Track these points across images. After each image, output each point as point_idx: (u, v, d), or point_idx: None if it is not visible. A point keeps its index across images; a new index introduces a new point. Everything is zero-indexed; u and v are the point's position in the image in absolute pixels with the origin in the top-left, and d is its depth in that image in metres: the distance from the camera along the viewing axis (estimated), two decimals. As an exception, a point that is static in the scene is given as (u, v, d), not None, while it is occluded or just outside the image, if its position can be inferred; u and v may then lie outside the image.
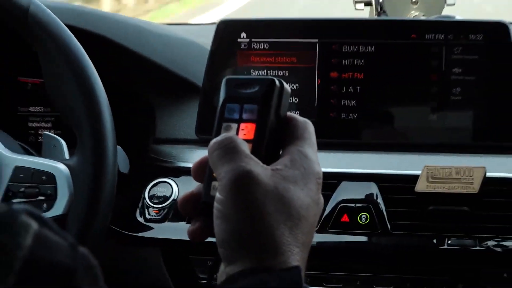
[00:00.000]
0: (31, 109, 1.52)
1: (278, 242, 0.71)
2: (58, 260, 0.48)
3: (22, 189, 1.18)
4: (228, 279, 0.72)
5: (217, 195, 0.73)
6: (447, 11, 1.66)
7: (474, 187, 1.26)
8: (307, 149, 0.78)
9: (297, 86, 1.43)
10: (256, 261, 0.70)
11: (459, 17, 1.58)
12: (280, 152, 0.78)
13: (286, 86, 0.80)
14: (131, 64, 1.54)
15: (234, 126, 0.78)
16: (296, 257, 0.72)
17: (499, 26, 1.42)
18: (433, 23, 1.54)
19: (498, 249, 1.28)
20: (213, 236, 0.74)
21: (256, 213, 0.71)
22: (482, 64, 1.42)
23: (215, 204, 0.73)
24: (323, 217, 1.32)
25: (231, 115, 0.79)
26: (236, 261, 0.72)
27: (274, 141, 0.78)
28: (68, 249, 0.49)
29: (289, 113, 0.80)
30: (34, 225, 0.47)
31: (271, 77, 0.79)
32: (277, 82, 0.77)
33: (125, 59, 1.53)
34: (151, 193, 1.38)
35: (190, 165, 0.80)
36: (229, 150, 0.73)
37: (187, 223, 1.06)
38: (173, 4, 15.82)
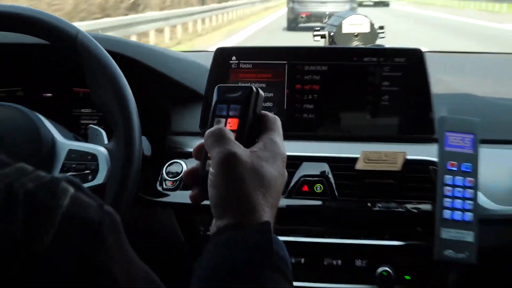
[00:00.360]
0: (82, 110, 1.54)
1: (254, 203, 0.77)
2: (89, 216, 0.50)
3: (73, 165, 1.20)
4: (217, 231, 0.77)
5: (211, 169, 0.79)
6: (379, 42, 1.68)
7: (397, 166, 1.30)
8: (276, 137, 0.84)
9: (272, 95, 1.43)
10: (238, 218, 0.77)
11: (388, 45, 1.60)
12: (256, 139, 0.84)
13: (261, 92, 0.85)
14: (154, 79, 1.54)
15: (223, 120, 0.83)
16: (267, 215, 0.78)
17: (416, 52, 1.43)
18: (369, 50, 1.56)
19: (415, 210, 1.31)
20: (207, 199, 0.80)
21: (238, 182, 0.78)
22: (403, 79, 1.41)
23: (209, 176, 0.79)
24: (290, 187, 1.36)
25: (220, 112, 0.84)
26: (223, 217, 0.77)
27: (251, 131, 0.84)
28: (97, 207, 0.52)
29: (263, 111, 0.86)
30: (71, 189, 0.50)
31: (250, 85, 0.85)
32: (254, 88, 0.83)
33: (150, 75, 1.53)
34: (167, 170, 1.41)
35: None
36: (219, 137, 0.79)
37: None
38: (198, 39, 16.22)
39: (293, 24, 16.69)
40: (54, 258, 0.46)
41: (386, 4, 34.27)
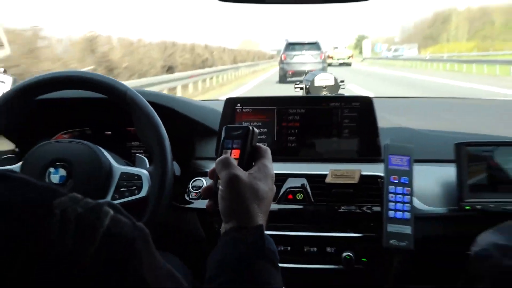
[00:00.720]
0: (132, 143, 1.54)
1: (251, 212, 0.81)
2: (124, 232, 0.50)
3: (124, 183, 1.22)
4: (225, 232, 0.81)
5: (220, 187, 0.83)
6: (341, 91, 1.68)
7: (355, 180, 1.32)
8: (267, 162, 0.89)
9: (266, 130, 1.46)
10: (240, 222, 0.81)
11: (347, 94, 1.62)
12: (253, 164, 0.88)
13: (256, 130, 0.90)
14: (182, 120, 1.54)
15: (228, 151, 0.87)
16: (261, 220, 0.82)
17: (367, 98, 1.45)
18: (333, 97, 1.57)
19: (368, 211, 1.33)
20: (218, 208, 0.84)
21: (239, 197, 0.82)
22: (358, 118, 1.43)
23: (219, 191, 0.83)
24: (279, 196, 1.37)
25: (227, 145, 0.88)
26: (229, 221, 0.82)
27: (249, 158, 0.88)
28: (131, 225, 0.52)
29: (258, 143, 0.91)
30: (111, 211, 0.50)
31: (248, 125, 0.89)
32: (251, 128, 0.88)
33: (179, 117, 1.53)
34: (192, 185, 1.43)
35: None
36: (226, 163, 0.83)
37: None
38: (213, 91, 16.40)
39: (283, 79, 16.98)
40: (97, 266, 0.47)
41: (348, 64, 36.71)
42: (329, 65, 23.02)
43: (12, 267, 0.43)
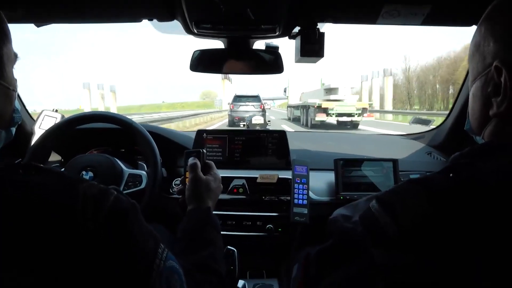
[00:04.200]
0: (138, 156, 1.55)
1: (204, 199, 0.89)
2: (123, 206, 0.52)
3: (131, 179, 1.31)
4: (188, 211, 0.88)
5: (187, 183, 0.93)
6: (268, 127, 1.85)
7: (274, 180, 1.46)
8: (215, 170, 0.98)
9: (221, 150, 1.59)
10: (196, 205, 0.89)
11: (271, 128, 1.72)
12: (208, 172, 0.96)
13: (205, 151, 0.99)
14: (170, 143, 1.60)
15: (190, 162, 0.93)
16: (209, 204, 0.90)
17: (282, 131, 1.60)
18: (263, 130, 1.69)
19: (283, 199, 1.43)
20: (185, 198, 0.91)
21: (197, 189, 0.90)
22: (277, 142, 1.58)
23: (187, 185, 0.92)
24: (228, 190, 1.45)
25: (188, 158, 0.97)
26: (190, 204, 0.89)
27: (203, 167, 0.96)
28: (127, 201, 0.53)
29: (207, 160, 1.00)
30: (115, 193, 0.52)
31: (199, 149, 0.99)
32: (201, 150, 0.98)
33: (168, 141, 1.59)
34: (175, 183, 1.48)
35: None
36: (193, 168, 0.93)
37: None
38: (201, 125, 16.84)
39: (231, 123, 16.41)
40: (104, 226, 0.49)
41: (355, 126, 15.80)
42: (321, 124, 14.95)
43: (48, 226, 0.45)
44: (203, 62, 1.22)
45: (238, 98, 17.68)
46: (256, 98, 17.60)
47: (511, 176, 0.43)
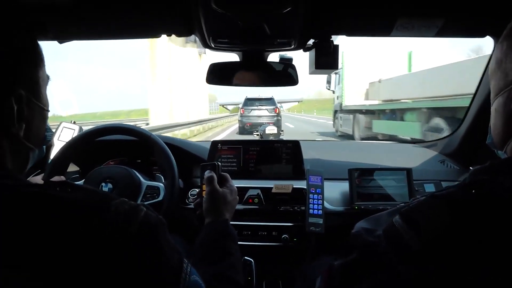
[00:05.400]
0: (154, 167, 1.57)
1: (222, 212, 0.91)
2: (152, 221, 0.53)
3: (149, 191, 1.32)
4: (206, 224, 0.90)
5: (204, 195, 0.95)
6: (281, 137, 1.83)
7: (289, 191, 1.46)
8: (230, 182, 1.00)
9: (236, 160, 1.61)
10: (214, 217, 0.90)
11: (285, 138, 1.75)
12: (224, 184, 0.98)
13: (220, 163, 1.00)
14: (186, 154, 1.60)
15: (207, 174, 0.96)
16: (227, 216, 0.91)
17: (296, 141, 1.60)
18: (277, 141, 1.72)
19: (298, 209, 1.43)
20: (202, 211, 0.93)
21: (216, 202, 0.92)
22: (291, 153, 1.59)
23: (204, 198, 0.95)
24: (243, 200, 1.46)
25: (204, 171, 0.99)
26: (208, 217, 0.91)
27: (219, 180, 0.97)
28: (156, 217, 0.55)
29: (222, 173, 1.01)
30: (144, 209, 0.54)
31: (214, 162, 1.00)
32: (216, 163, 1.00)
33: (184, 152, 1.59)
34: (191, 193, 1.50)
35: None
36: (210, 180, 0.95)
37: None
38: (209, 131, 16.16)
39: (242, 130, 14.90)
40: (136, 241, 0.50)
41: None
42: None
43: (88, 239, 0.47)
44: (219, 75, 1.24)
45: (249, 102, 15.54)
46: (270, 101, 15.66)
47: None
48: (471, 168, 0.54)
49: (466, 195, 0.48)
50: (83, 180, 1.33)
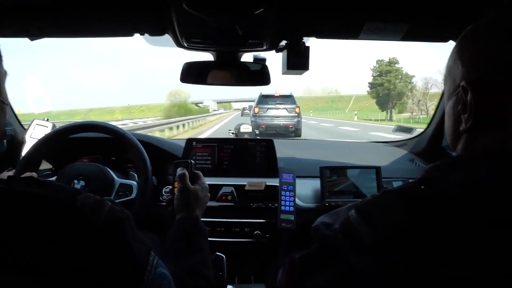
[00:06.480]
0: (128, 165, 1.57)
1: (193, 208, 0.91)
2: (117, 215, 0.54)
3: (121, 189, 1.33)
4: (177, 220, 0.90)
5: (176, 192, 0.95)
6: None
7: (262, 188, 1.49)
8: (203, 180, 1.00)
9: (210, 158, 1.61)
10: (185, 214, 0.91)
11: (259, 137, 1.72)
12: (196, 182, 0.98)
13: (193, 161, 1.02)
14: (160, 151, 1.61)
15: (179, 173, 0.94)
16: (197, 213, 0.92)
17: (270, 140, 1.61)
18: (251, 139, 1.71)
19: (271, 206, 1.46)
20: (174, 208, 0.93)
21: (187, 199, 0.92)
22: (265, 151, 1.60)
23: (175, 194, 0.95)
24: (217, 197, 1.47)
25: (177, 168, 0.99)
26: (179, 213, 0.91)
27: (191, 177, 0.97)
28: (121, 211, 0.55)
29: (195, 171, 1.02)
30: (109, 203, 0.54)
31: (188, 160, 1.01)
32: (189, 161, 1.01)
33: (158, 150, 1.60)
34: (165, 190, 1.50)
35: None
36: (182, 178, 0.95)
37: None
38: (188, 132, 14.97)
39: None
40: (100, 234, 0.51)
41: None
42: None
43: (53, 233, 0.48)
44: (193, 74, 1.25)
45: (264, 99, 13.10)
46: (289, 98, 13.24)
47: (472, 189, 0.47)
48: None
49: (416, 190, 0.51)
50: (55, 177, 1.33)
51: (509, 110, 0.47)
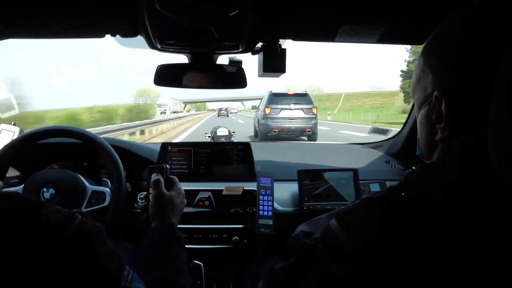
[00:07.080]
0: (101, 171, 1.52)
1: (168, 215, 0.90)
2: (86, 228, 0.53)
3: (94, 197, 1.30)
4: (152, 227, 0.89)
5: (151, 199, 0.94)
6: (233, 139, 1.78)
7: (240, 192, 1.48)
8: (178, 186, 0.99)
9: (186, 162, 1.59)
10: (160, 221, 0.90)
11: (235, 140, 1.72)
12: (172, 187, 0.97)
13: (168, 166, 1.00)
14: (133, 156, 1.58)
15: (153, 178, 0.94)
16: (173, 220, 0.91)
17: (247, 143, 1.61)
18: (227, 142, 1.70)
19: (249, 211, 1.44)
20: (149, 215, 0.92)
21: (162, 206, 0.91)
22: (242, 154, 1.60)
23: (150, 201, 0.94)
24: (194, 203, 1.44)
25: (151, 174, 0.97)
26: (155, 221, 0.91)
27: (167, 183, 0.97)
28: (91, 224, 0.54)
29: (170, 176, 1.00)
30: (79, 216, 0.54)
31: (162, 165, 0.99)
32: (164, 166, 0.99)
33: (131, 155, 1.57)
34: (140, 197, 1.48)
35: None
36: (156, 184, 0.94)
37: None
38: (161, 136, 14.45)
39: (264, 136, 10.83)
40: (69, 248, 0.50)
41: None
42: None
43: (17, 250, 0.47)
44: (167, 76, 1.22)
45: (276, 98, 11.18)
46: (304, 97, 11.38)
47: (450, 193, 0.47)
48: (413, 168, 0.57)
49: (396, 197, 0.50)
50: (23, 185, 1.29)
51: (484, 111, 0.46)
